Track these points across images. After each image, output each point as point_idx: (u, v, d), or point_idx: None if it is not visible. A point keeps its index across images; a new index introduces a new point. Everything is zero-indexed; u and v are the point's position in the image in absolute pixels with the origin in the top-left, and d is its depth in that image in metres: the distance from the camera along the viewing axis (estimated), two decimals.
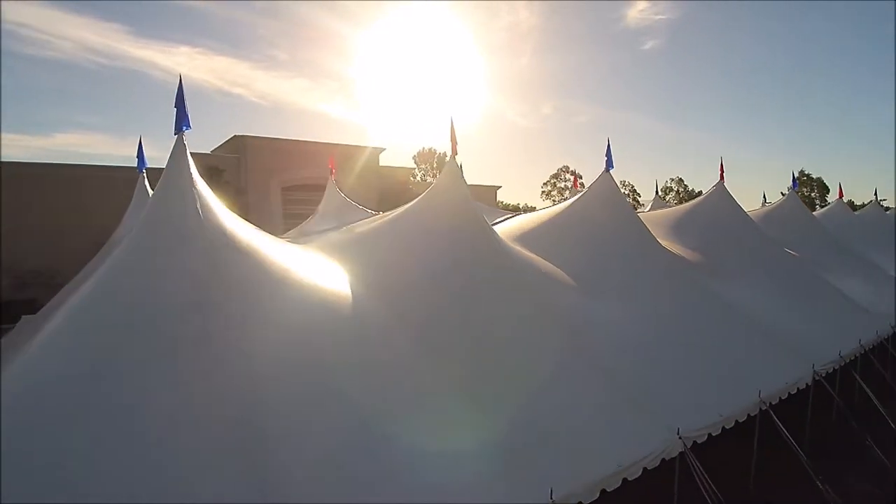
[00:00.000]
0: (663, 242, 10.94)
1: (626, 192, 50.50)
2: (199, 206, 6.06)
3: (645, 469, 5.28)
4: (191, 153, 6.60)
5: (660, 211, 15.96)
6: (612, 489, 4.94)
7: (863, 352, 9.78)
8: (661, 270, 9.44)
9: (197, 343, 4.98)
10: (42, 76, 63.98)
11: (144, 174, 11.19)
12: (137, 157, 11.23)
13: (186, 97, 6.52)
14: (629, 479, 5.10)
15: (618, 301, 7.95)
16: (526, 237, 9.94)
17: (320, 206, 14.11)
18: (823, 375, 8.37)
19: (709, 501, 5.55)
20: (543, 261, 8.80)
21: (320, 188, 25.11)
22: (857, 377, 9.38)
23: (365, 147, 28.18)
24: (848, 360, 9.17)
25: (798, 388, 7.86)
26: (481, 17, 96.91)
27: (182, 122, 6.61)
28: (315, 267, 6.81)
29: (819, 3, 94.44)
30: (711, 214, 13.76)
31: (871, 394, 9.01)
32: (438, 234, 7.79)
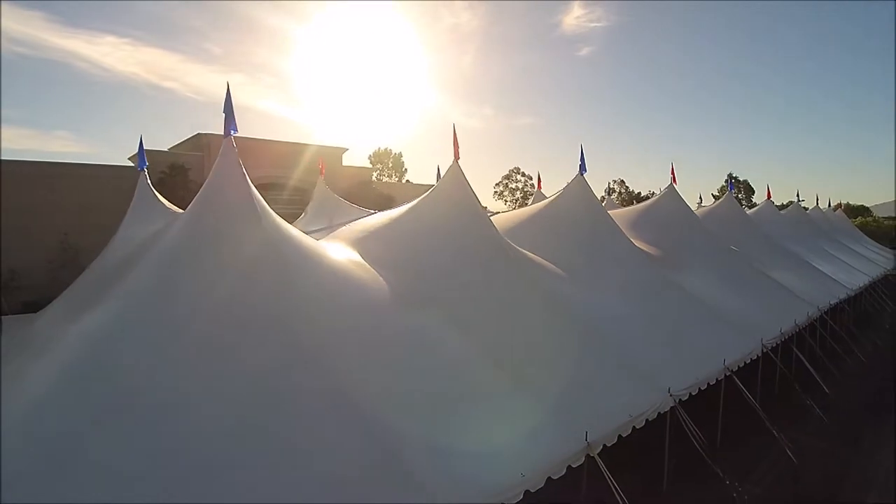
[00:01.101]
0: None
1: None
2: (257, 205, 6.73)
3: (647, 420, 6.53)
4: (154, 151, 7.17)
5: (618, 210, 17.59)
6: (626, 435, 6.14)
7: (797, 330, 11.56)
8: (636, 263, 10.82)
9: (269, 329, 5.66)
10: None
11: (146, 172, 11.49)
12: (138, 155, 11.54)
13: (113, 92, 7.07)
14: (636, 427, 6.33)
15: (607, 290, 9.22)
16: (511, 233, 11.01)
17: (309, 207, 14.63)
18: (770, 348, 9.99)
19: (693, 442, 6.96)
20: (537, 256, 9.93)
21: (284, 187, 25.40)
22: (795, 349, 11.15)
23: (328, 146, 28.54)
24: (787, 337, 10.89)
25: (751, 359, 9.42)
26: (424, 17, 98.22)
27: (230, 125, 7.25)
28: (353, 258, 7.62)
29: (749, 3, 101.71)
30: (665, 214, 15.44)
31: (806, 362, 10.80)
32: (451, 230, 8.77)
